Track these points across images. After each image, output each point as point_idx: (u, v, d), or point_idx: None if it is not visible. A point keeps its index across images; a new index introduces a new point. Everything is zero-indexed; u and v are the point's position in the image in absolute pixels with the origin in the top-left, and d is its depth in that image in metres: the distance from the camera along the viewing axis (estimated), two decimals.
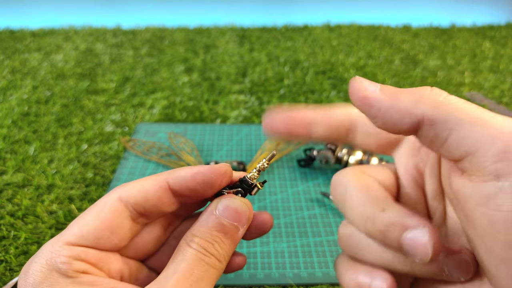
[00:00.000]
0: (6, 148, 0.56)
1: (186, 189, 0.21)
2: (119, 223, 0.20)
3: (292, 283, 0.38)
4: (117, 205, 0.20)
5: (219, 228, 0.20)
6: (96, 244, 0.19)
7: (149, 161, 0.55)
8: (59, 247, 0.19)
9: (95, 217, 0.20)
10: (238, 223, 0.20)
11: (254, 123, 0.65)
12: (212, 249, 0.19)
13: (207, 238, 0.19)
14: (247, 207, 0.21)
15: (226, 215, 0.20)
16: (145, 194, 0.20)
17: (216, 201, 0.21)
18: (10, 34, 1.00)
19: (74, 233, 0.19)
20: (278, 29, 1.08)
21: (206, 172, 0.20)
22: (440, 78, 0.80)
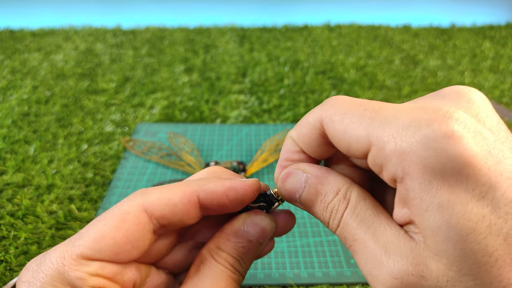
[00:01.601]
0: (6, 148, 0.56)
1: (216, 204, 0.19)
2: (141, 237, 0.18)
3: (292, 283, 0.38)
4: (141, 217, 0.18)
5: (245, 245, 0.20)
6: (114, 258, 0.18)
7: (149, 161, 0.55)
8: (74, 260, 0.17)
9: (116, 229, 0.17)
10: (263, 240, 0.20)
11: (254, 123, 0.65)
12: (238, 266, 0.19)
13: (234, 254, 0.19)
14: (273, 226, 0.21)
15: (254, 233, 0.20)
16: (173, 208, 0.19)
17: (244, 217, 0.20)
18: (10, 34, 1.00)
19: (91, 246, 0.17)
20: (278, 29, 1.08)
21: (239, 190, 0.19)
22: (440, 78, 0.80)
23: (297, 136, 0.20)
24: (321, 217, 0.19)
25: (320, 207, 0.19)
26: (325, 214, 0.18)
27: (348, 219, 0.17)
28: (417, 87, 0.76)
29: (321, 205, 0.18)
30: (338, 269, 0.39)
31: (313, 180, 0.19)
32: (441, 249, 0.14)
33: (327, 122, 0.18)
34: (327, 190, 0.18)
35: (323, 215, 0.18)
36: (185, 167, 0.52)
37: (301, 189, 0.19)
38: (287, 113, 0.67)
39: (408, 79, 0.79)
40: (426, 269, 0.14)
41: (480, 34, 1.05)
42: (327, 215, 0.18)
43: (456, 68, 0.85)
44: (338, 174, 0.19)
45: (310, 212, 0.20)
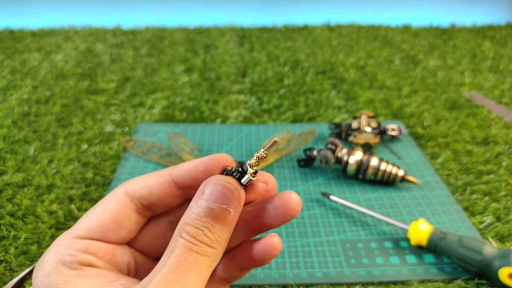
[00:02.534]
0: (6, 148, 0.56)
1: (189, 179, 0.21)
2: (126, 216, 0.21)
3: (292, 283, 0.38)
4: (123, 199, 0.21)
5: (208, 213, 0.19)
6: (103, 237, 0.20)
7: (149, 161, 0.55)
8: (68, 240, 0.19)
9: (103, 211, 0.20)
10: (228, 206, 0.19)
11: (254, 123, 0.65)
12: (201, 236, 0.19)
13: (197, 225, 0.19)
14: (234, 187, 0.20)
15: (214, 198, 0.19)
16: (150, 188, 0.21)
17: (203, 184, 0.20)
18: (10, 34, 1.00)
19: (83, 227, 0.20)
20: (278, 29, 1.08)
21: (207, 161, 0.21)
22: (440, 78, 0.80)
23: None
24: None
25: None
26: None
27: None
28: (417, 87, 0.76)
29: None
30: (338, 269, 0.39)
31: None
32: None
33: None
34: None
35: None
36: None
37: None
38: (287, 113, 0.67)
39: (408, 79, 0.79)
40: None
41: (480, 34, 1.05)
42: None
43: (456, 68, 0.85)
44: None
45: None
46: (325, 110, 0.68)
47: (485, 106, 0.69)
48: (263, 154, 0.21)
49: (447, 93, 0.74)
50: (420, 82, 0.78)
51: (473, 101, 0.72)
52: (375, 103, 0.70)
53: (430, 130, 0.62)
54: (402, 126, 0.60)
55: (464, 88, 0.76)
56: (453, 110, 0.69)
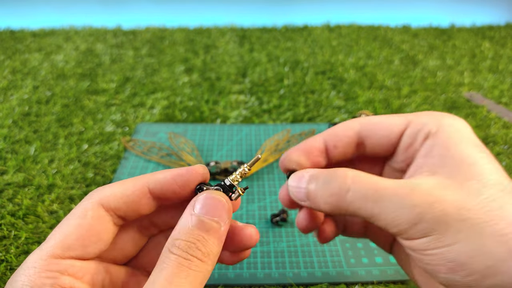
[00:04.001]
0: (7, 148, 0.57)
1: (166, 191, 0.21)
2: (103, 229, 0.20)
3: (292, 282, 0.38)
4: (99, 211, 0.20)
5: (199, 226, 0.19)
6: (83, 253, 0.19)
7: (150, 161, 0.55)
8: (45, 261, 0.18)
9: (78, 226, 0.19)
10: (219, 218, 0.19)
11: (254, 123, 0.65)
12: (193, 250, 0.18)
13: (188, 238, 0.18)
14: (225, 200, 0.20)
15: (205, 211, 0.19)
16: (126, 200, 0.21)
17: (193, 200, 0.20)
18: (10, 34, 1.00)
19: (59, 245, 0.18)
20: (278, 29, 1.08)
21: (184, 174, 0.21)
22: (439, 78, 0.80)
23: (329, 134, 0.25)
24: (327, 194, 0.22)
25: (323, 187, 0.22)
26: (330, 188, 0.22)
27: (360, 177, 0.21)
28: (416, 87, 0.76)
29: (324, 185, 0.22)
30: (338, 269, 0.40)
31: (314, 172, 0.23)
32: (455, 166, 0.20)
33: (364, 121, 0.24)
34: (325, 173, 0.22)
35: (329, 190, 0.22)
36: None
37: (305, 183, 0.23)
38: (287, 113, 0.67)
39: (408, 79, 0.79)
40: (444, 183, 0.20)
41: (479, 34, 1.05)
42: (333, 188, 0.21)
43: (456, 68, 0.85)
44: None
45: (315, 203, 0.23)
46: (325, 110, 0.68)
47: (484, 106, 0.69)
48: (245, 170, 0.22)
49: (446, 93, 0.74)
50: (420, 82, 0.78)
51: (473, 101, 0.72)
52: (375, 103, 0.70)
53: None
54: None
55: (463, 88, 0.77)
56: (452, 110, 0.69)
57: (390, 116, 0.23)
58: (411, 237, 0.19)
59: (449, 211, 0.18)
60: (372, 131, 0.24)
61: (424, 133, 0.22)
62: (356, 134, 0.24)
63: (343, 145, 0.24)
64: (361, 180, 0.21)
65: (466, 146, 0.20)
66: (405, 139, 0.23)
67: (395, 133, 0.23)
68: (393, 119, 0.23)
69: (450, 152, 0.20)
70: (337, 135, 0.24)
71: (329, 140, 0.25)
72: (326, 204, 0.22)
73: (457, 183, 0.19)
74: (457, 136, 0.21)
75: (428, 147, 0.21)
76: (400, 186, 0.20)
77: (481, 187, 0.19)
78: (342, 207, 0.21)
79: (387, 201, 0.19)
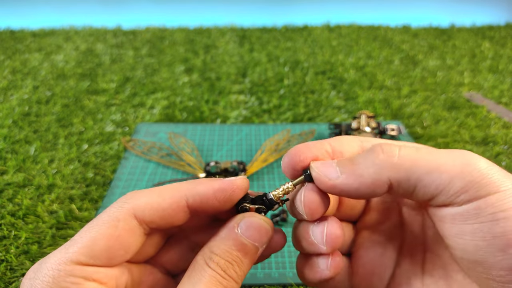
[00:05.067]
0: (7, 148, 0.57)
1: (205, 206, 0.20)
2: (133, 241, 0.19)
3: (292, 282, 0.38)
4: (132, 223, 0.19)
5: (239, 248, 0.19)
6: (107, 263, 0.18)
7: (150, 161, 0.55)
8: (68, 266, 0.17)
9: (108, 236, 0.18)
10: (259, 244, 0.19)
11: (254, 123, 0.65)
12: (231, 271, 0.18)
13: (227, 257, 0.19)
14: (270, 227, 0.20)
15: (248, 234, 0.19)
16: (162, 213, 0.19)
17: (238, 218, 0.20)
18: (10, 35, 1.00)
19: (85, 253, 0.18)
20: (278, 29, 1.08)
21: (227, 189, 0.20)
22: (439, 78, 0.80)
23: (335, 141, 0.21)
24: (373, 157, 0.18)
25: (364, 155, 0.19)
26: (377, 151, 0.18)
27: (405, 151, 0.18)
28: (416, 87, 0.76)
29: (364, 153, 0.19)
30: None
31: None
32: None
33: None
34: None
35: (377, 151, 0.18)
36: (185, 167, 0.53)
37: (335, 164, 0.19)
38: (287, 113, 0.67)
39: (408, 79, 0.80)
40: None
41: (479, 34, 1.05)
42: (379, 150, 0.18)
43: (456, 68, 0.85)
44: None
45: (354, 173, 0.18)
46: (325, 110, 0.68)
47: (484, 106, 0.69)
48: (289, 188, 0.21)
49: (446, 93, 0.74)
50: (420, 82, 0.78)
51: (473, 101, 0.72)
52: (375, 103, 0.70)
53: (429, 130, 0.62)
54: (401, 126, 0.61)
55: (463, 88, 0.77)
56: (452, 110, 0.69)
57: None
58: (455, 200, 0.17)
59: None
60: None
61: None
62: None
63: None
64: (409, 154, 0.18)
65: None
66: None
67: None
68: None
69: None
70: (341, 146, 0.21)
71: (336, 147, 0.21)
72: (370, 170, 0.18)
73: None
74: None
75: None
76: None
77: None
78: (391, 169, 0.17)
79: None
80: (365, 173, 0.18)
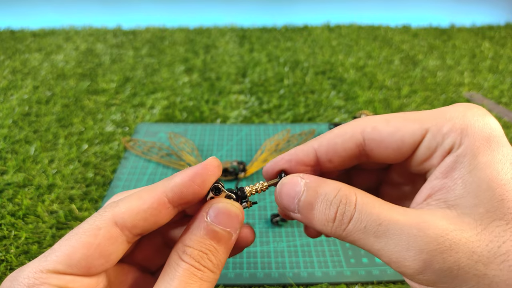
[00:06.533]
0: (7, 148, 0.57)
1: (186, 195, 0.19)
2: (115, 249, 0.18)
3: (292, 282, 0.38)
4: (113, 231, 0.18)
5: (211, 236, 0.18)
6: (86, 272, 0.18)
7: (150, 161, 0.55)
8: (45, 274, 0.17)
9: (87, 245, 0.18)
10: (231, 229, 0.19)
11: (254, 123, 0.65)
12: (205, 261, 0.18)
13: (200, 247, 0.18)
14: (240, 211, 0.20)
15: (218, 221, 0.19)
16: (144, 215, 0.19)
17: (206, 206, 0.19)
18: (10, 34, 1.00)
19: (63, 261, 0.17)
20: (278, 29, 1.08)
21: (203, 172, 0.19)
22: (439, 78, 0.80)
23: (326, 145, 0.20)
24: (323, 218, 0.19)
25: (321, 207, 0.19)
26: (328, 213, 0.18)
27: (366, 206, 0.18)
28: (416, 87, 0.76)
29: (322, 205, 0.19)
30: (338, 269, 0.40)
31: (312, 183, 0.19)
32: (480, 198, 0.16)
33: (369, 130, 0.19)
34: (327, 190, 0.19)
35: (326, 214, 0.18)
36: (185, 167, 0.53)
37: (300, 193, 0.19)
38: (287, 113, 0.67)
39: (408, 79, 0.80)
40: (462, 223, 0.16)
41: (479, 34, 1.05)
42: (332, 213, 0.18)
43: (456, 68, 0.85)
44: (334, 180, 0.20)
45: (308, 219, 0.19)
46: (324, 110, 0.68)
47: (484, 106, 0.69)
48: (263, 188, 0.22)
49: (446, 93, 0.74)
50: (420, 82, 0.78)
51: (473, 101, 0.72)
52: (375, 103, 0.70)
53: None
54: None
55: (463, 88, 0.77)
56: None
57: (403, 122, 0.19)
58: (415, 281, 0.17)
59: (463, 263, 0.15)
60: (380, 144, 0.19)
61: (444, 149, 0.18)
62: (358, 147, 0.20)
63: (340, 160, 0.20)
64: (367, 209, 0.17)
65: (496, 167, 0.16)
66: (420, 152, 0.19)
67: (408, 145, 0.19)
68: (407, 128, 0.18)
69: (475, 177, 0.16)
70: (334, 148, 0.20)
71: (323, 153, 0.20)
72: (322, 227, 0.19)
73: (479, 224, 0.16)
74: (485, 151, 0.17)
75: (449, 164, 0.17)
76: (408, 222, 0.17)
77: (509, 230, 0.16)
78: (339, 235, 0.18)
79: (391, 238, 0.17)
80: (315, 225, 0.19)
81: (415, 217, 0.17)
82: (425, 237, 0.16)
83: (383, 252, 0.17)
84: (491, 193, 0.16)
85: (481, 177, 0.16)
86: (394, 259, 0.17)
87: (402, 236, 0.16)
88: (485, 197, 0.16)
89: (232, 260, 0.41)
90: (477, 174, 0.16)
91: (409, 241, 0.16)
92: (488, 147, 0.17)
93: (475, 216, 0.16)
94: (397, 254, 0.17)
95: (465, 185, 0.17)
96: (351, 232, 0.18)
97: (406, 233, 0.16)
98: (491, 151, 0.17)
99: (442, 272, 0.16)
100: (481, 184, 0.16)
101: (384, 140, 0.19)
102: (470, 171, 0.17)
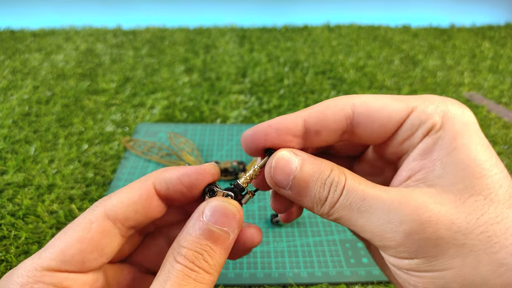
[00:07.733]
0: (7, 148, 0.57)
1: (173, 192, 0.19)
2: (107, 243, 0.18)
3: (292, 282, 0.38)
4: (105, 224, 0.18)
5: (207, 236, 0.18)
6: (81, 268, 0.18)
7: (150, 161, 0.55)
8: (39, 272, 0.17)
9: (80, 240, 0.17)
10: (228, 228, 0.18)
11: (254, 123, 0.65)
12: (200, 262, 0.17)
13: (195, 248, 0.18)
14: (237, 209, 0.19)
15: (215, 220, 0.18)
16: (135, 207, 0.19)
17: (202, 205, 0.19)
18: (10, 34, 1.00)
19: (56, 258, 0.17)
20: (278, 29, 1.08)
21: (192, 174, 0.19)
22: (439, 78, 0.80)
23: (315, 116, 0.20)
24: (316, 197, 0.19)
25: (316, 186, 0.19)
26: (322, 192, 0.18)
27: (353, 184, 0.18)
28: (416, 87, 0.76)
29: (317, 183, 0.19)
30: (338, 269, 0.40)
31: (307, 161, 0.19)
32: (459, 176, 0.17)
33: (359, 104, 0.19)
34: (322, 168, 0.19)
35: (320, 193, 0.18)
36: None
37: (294, 170, 0.19)
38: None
39: (408, 79, 0.80)
40: (442, 197, 0.17)
41: (479, 35, 1.05)
42: (325, 191, 0.18)
43: (456, 68, 0.85)
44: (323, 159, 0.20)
45: (299, 197, 0.19)
46: None
47: (484, 106, 0.69)
48: (256, 172, 0.21)
49: (446, 93, 0.74)
50: (420, 82, 0.78)
51: (473, 101, 0.72)
52: None
53: None
54: None
55: (463, 88, 0.77)
56: None
57: (390, 100, 0.19)
58: (396, 255, 0.17)
59: (443, 233, 0.16)
60: (367, 119, 0.19)
61: (426, 127, 0.18)
62: (347, 120, 0.19)
63: (327, 133, 0.20)
64: (353, 186, 0.18)
65: (474, 148, 0.17)
66: (403, 130, 0.19)
67: (394, 122, 0.19)
68: (394, 105, 0.19)
69: (454, 158, 0.17)
70: (324, 119, 0.20)
71: (312, 123, 0.20)
72: (311, 205, 0.19)
73: (458, 198, 0.17)
74: (464, 134, 0.18)
75: (428, 146, 0.18)
76: (389, 197, 0.17)
77: (487, 205, 0.16)
78: (326, 213, 0.19)
79: (373, 213, 0.17)
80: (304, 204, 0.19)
81: (396, 193, 0.17)
82: (405, 209, 0.17)
83: (366, 227, 0.17)
84: (470, 172, 0.17)
85: (460, 158, 0.17)
86: (377, 232, 0.17)
87: (384, 210, 0.17)
88: (463, 175, 0.17)
89: (231, 260, 0.41)
90: (455, 156, 0.17)
91: (390, 214, 0.17)
92: (467, 131, 0.18)
93: (454, 191, 0.17)
94: (380, 227, 0.17)
95: (444, 166, 0.17)
96: (337, 210, 0.18)
97: (388, 207, 0.17)
98: (469, 135, 0.18)
99: (422, 241, 0.16)
100: (460, 164, 0.17)
101: (371, 114, 0.19)
102: (449, 152, 0.17)
